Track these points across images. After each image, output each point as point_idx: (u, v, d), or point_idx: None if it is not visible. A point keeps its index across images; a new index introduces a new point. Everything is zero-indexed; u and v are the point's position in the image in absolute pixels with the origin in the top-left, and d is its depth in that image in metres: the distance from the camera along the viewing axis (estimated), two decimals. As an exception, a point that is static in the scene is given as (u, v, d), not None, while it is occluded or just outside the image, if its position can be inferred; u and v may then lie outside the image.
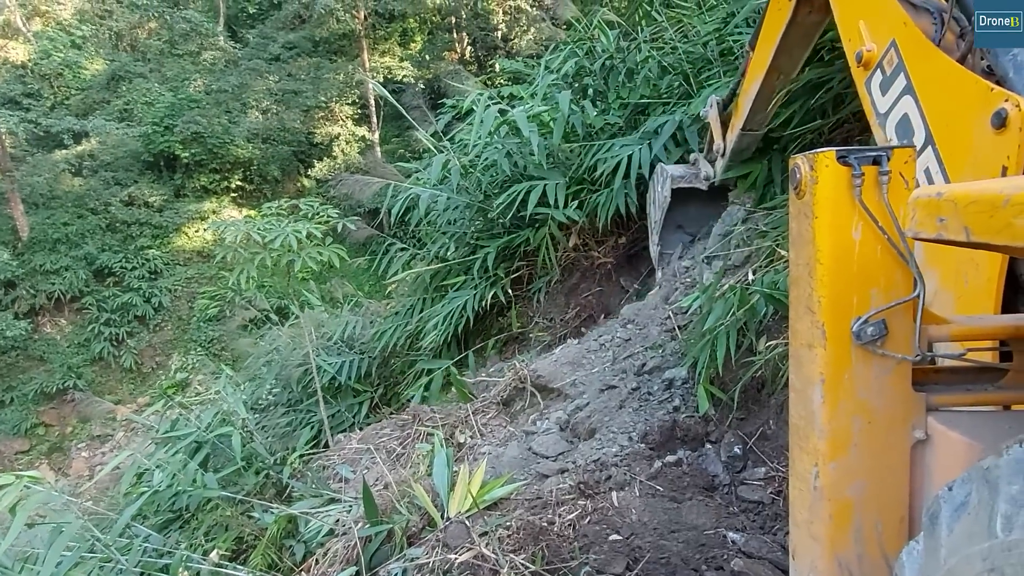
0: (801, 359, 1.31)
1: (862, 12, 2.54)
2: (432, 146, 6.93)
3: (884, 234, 1.22)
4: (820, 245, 1.22)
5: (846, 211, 1.22)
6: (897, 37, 2.27)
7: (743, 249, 4.03)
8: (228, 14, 26.58)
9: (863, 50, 2.43)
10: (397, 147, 23.60)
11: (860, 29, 2.50)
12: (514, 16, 23.85)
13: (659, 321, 4.46)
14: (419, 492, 2.97)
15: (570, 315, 6.22)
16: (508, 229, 6.28)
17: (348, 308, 8.56)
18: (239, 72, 23.14)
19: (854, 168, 1.20)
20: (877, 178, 1.22)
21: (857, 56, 2.46)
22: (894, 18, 2.29)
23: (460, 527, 2.70)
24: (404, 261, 6.80)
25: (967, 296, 1.83)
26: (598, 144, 5.76)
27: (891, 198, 1.21)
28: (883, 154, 1.21)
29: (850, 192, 1.22)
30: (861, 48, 2.44)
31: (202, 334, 20.53)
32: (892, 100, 2.30)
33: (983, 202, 0.75)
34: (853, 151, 1.21)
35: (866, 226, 1.22)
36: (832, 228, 1.22)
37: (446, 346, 6.35)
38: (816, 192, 1.22)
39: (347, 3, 21.33)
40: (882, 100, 2.36)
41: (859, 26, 2.51)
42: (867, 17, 2.50)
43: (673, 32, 6.09)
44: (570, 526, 2.63)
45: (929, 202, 0.87)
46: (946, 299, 1.93)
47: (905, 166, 1.23)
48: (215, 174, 22.91)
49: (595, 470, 3.02)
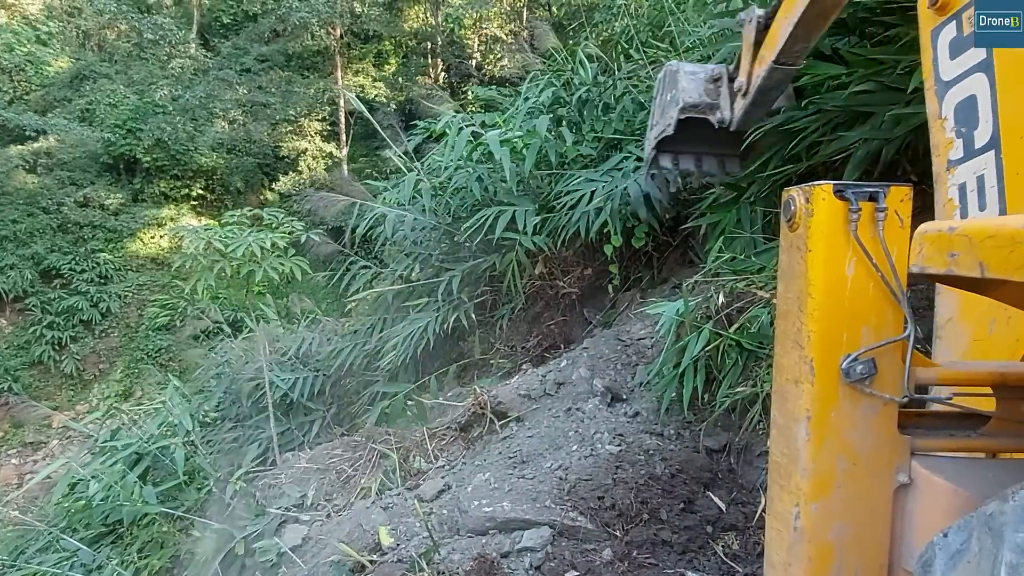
0: (786, 395, 1.27)
1: None
2: (403, 166, 6.88)
3: (877, 271, 1.20)
4: (812, 279, 1.20)
5: (840, 246, 1.20)
6: None
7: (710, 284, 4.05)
8: (202, 22, 26.26)
9: None
10: (364, 166, 23.44)
11: None
12: (489, 45, 24.12)
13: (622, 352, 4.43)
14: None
15: (532, 343, 6.17)
16: (474, 253, 6.23)
17: (305, 324, 8.37)
18: (208, 81, 22.78)
19: (851, 203, 1.19)
20: (873, 214, 1.20)
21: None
22: None
23: None
24: (366, 280, 6.68)
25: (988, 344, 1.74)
26: (568, 174, 5.78)
27: (886, 235, 1.20)
28: (880, 190, 1.20)
29: (845, 227, 1.20)
30: None
31: (150, 343, 19.83)
32: (961, 71, 1.83)
33: (1002, 237, 0.73)
34: (850, 186, 1.20)
35: (859, 262, 1.20)
36: (825, 262, 1.20)
37: (404, 368, 6.22)
38: (811, 225, 1.20)
39: (323, 19, 21.26)
40: (948, 64, 1.87)
41: None
42: None
43: (650, 70, 6.19)
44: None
45: (939, 236, 0.85)
46: (959, 335, 1.86)
47: (901, 204, 1.22)
48: (176, 181, 22.36)
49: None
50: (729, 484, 3.10)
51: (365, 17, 21.92)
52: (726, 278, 4.00)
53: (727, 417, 3.39)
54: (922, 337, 2.75)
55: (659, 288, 5.76)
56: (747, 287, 3.71)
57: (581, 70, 6.38)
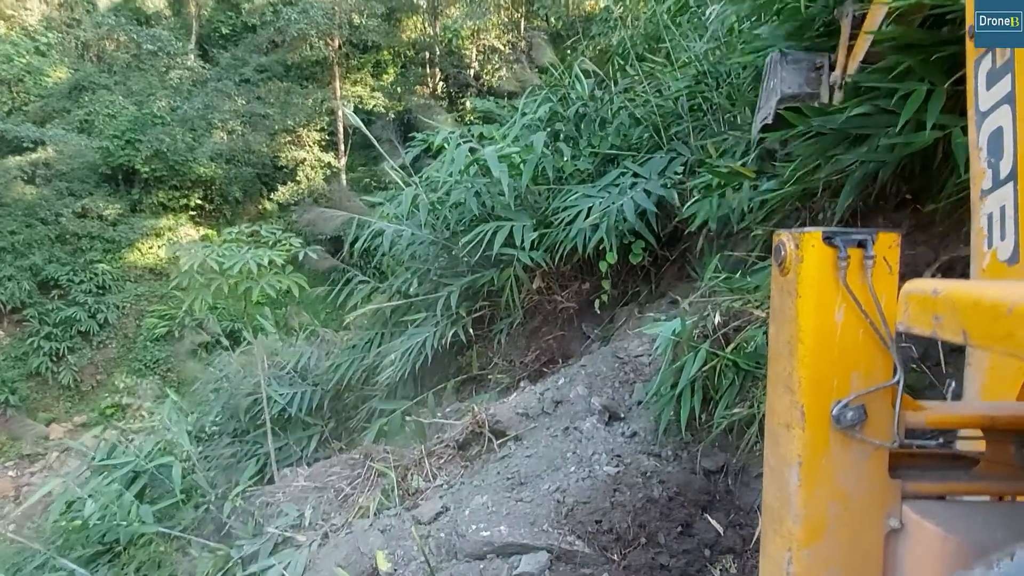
0: (778, 438, 1.28)
1: None
2: (400, 180, 6.89)
3: (867, 318, 1.21)
4: (803, 325, 1.21)
5: (830, 293, 1.21)
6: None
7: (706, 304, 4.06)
8: (201, 33, 26.37)
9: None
10: (363, 176, 23.50)
11: None
12: (487, 55, 24.21)
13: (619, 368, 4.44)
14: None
15: (530, 358, 6.18)
16: (472, 268, 6.24)
17: (304, 336, 8.37)
18: (206, 92, 22.86)
19: (840, 250, 1.20)
20: (862, 261, 1.21)
21: (969, 29, 1.92)
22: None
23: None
24: (365, 294, 6.68)
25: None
26: (566, 189, 5.80)
27: (875, 283, 1.21)
28: (868, 238, 1.21)
29: (834, 274, 1.21)
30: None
31: (148, 354, 19.84)
32: (994, 102, 1.85)
33: (984, 307, 0.74)
34: (839, 233, 1.21)
35: (849, 309, 1.21)
36: (815, 309, 1.21)
37: (402, 383, 6.22)
38: (801, 271, 1.21)
39: (321, 30, 21.35)
40: (985, 95, 1.90)
41: None
42: None
43: (646, 85, 6.22)
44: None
45: (924, 299, 0.86)
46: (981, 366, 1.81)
47: (889, 251, 1.23)
48: (174, 191, 22.42)
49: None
50: (727, 506, 3.10)
51: (363, 28, 22.02)
52: (722, 296, 4.01)
53: (724, 437, 3.39)
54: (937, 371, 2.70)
55: (657, 302, 5.77)
56: (743, 306, 3.72)
57: (578, 85, 6.41)
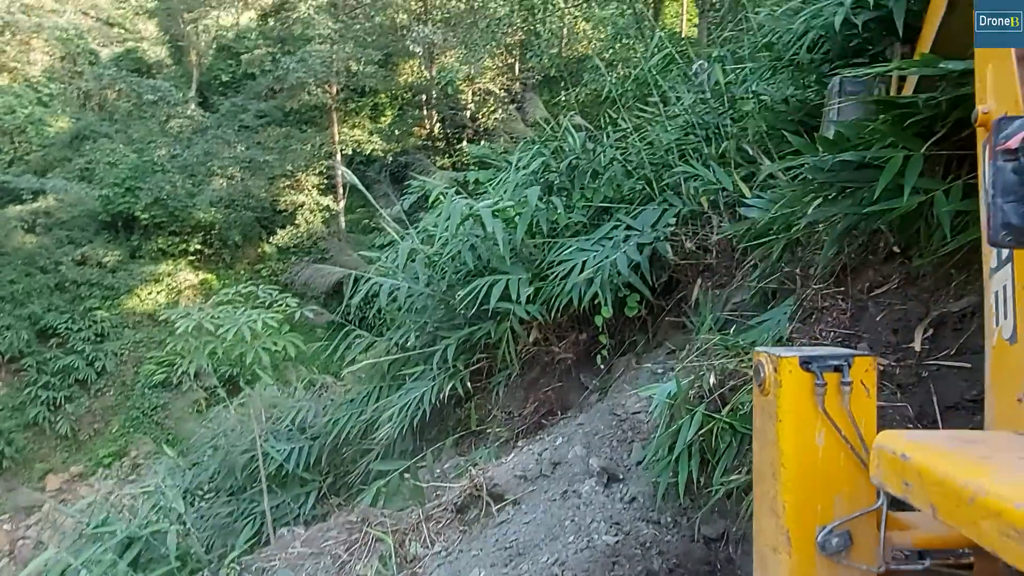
0: (766, 560, 1.28)
1: (992, 54, 2.01)
2: (396, 233, 6.95)
3: (847, 443, 1.21)
4: (784, 449, 1.21)
5: (809, 417, 1.22)
6: (1009, 114, 1.85)
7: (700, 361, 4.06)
8: (201, 81, 26.82)
9: (980, 110, 1.99)
10: (362, 217, 23.68)
11: (987, 77, 2.05)
12: (483, 98, 24.58)
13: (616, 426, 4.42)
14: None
15: (528, 410, 6.15)
16: (469, 321, 6.25)
17: (302, 385, 8.35)
18: (206, 140, 23.16)
19: (817, 376, 1.21)
20: (839, 386, 1.22)
21: (974, 115, 2.01)
22: (1008, 88, 1.84)
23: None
24: (362, 348, 6.69)
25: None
26: (560, 242, 5.84)
27: (853, 407, 1.22)
28: (844, 363, 1.22)
29: (813, 398, 1.22)
30: (980, 107, 2.00)
31: (146, 401, 19.74)
32: None
33: (948, 489, 0.74)
34: (815, 358, 1.22)
35: (829, 433, 1.22)
36: (795, 433, 1.22)
37: (401, 438, 6.19)
38: (780, 396, 1.22)
39: (319, 78, 21.72)
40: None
41: (987, 72, 2.05)
42: (995, 65, 1.99)
43: (636, 137, 6.31)
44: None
45: (895, 461, 0.87)
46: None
47: (866, 374, 1.25)
48: (174, 236, 22.57)
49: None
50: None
51: (361, 74, 22.39)
52: (717, 354, 4.01)
53: (724, 503, 3.36)
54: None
55: (654, 352, 5.76)
56: (738, 366, 3.72)
57: (569, 138, 6.50)
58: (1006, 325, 1.80)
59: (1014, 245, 1.11)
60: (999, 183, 1.04)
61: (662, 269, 5.56)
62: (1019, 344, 1.72)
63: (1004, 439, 0.89)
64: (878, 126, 3.06)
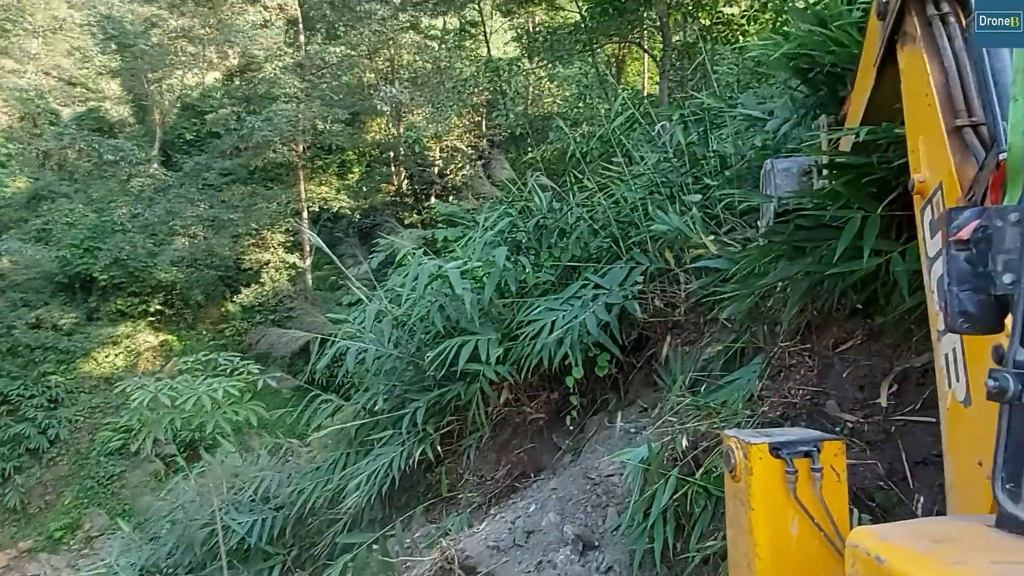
0: (746, 653, 1.24)
1: (922, 126, 2.12)
2: (362, 294, 6.89)
3: (820, 531, 1.20)
4: (758, 539, 1.19)
5: (782, 505, 1.21)
6: (944, 182, 1.94)
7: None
8: (164, 140, 26.72)
9: (916, 179, 2.08)
10: (329, 274, 23.49)
11: (919, 146, 2.14)
12: (451, 154, 24.93)
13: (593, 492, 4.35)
14: None
15: (501, 473, 6.03)
16: (439, 383, 6.17)
17: (266, 452, 8.08)
18: (169, 199, 22.95)
19: (787, 464, 1.20)
20: (810, 473, 1.21)
21: (910, 183, 2.11)
22: (942, 158, 1.94)
23: None
24: (328, 413, 6.53)
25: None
26: (529, 301, 5.85)
27: (825, 493, 1.21)
28: (814, 449, 1.22)
29: (785, 486, 1.21)
30: (915, 176, 2.10)
31: (101, 470, 18.91)
32: (936, 250, 1.96)
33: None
34: (785, 444, 1.22)
35: (802, 521, 1.20)
36: (769, 522, 1.20)
37: (369, 507, 6.00)
38: (751, 483, 1.21)
39: (285, 136, 21.83)
40: (930, 242, 2.03)
41: (919, 143, 2.15)
42: (925, 136, 2.09)
43: (602, 196, 6.42)
44: None
45: (869, 563, 0.85)
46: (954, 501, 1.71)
47: (835, 459, 1.24)
48: (133, 297, 22.08)
49: None
50: (707, 648, 2.99)
51: (328, 133, 22.57)
52: (689, 415, 4.01)
53: (701, 569, 3.30)
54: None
55: (626, 410, 5.73)
56: (710, 427, 3.71)
57: (536, 198, 6.59)
58: (959, 388, 1.82)
59: (972, 332, 1.13)
60: (953, 272, 1.07)
61: (631, 327, 5.58)
62: (974, 407, 1.74)
63: (976, 534, 0.88)
64: (837, 187, 3.15)
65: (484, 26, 20.88)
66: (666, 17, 11.74)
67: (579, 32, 13.85)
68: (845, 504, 1.23)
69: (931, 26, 2.15)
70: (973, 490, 1.61)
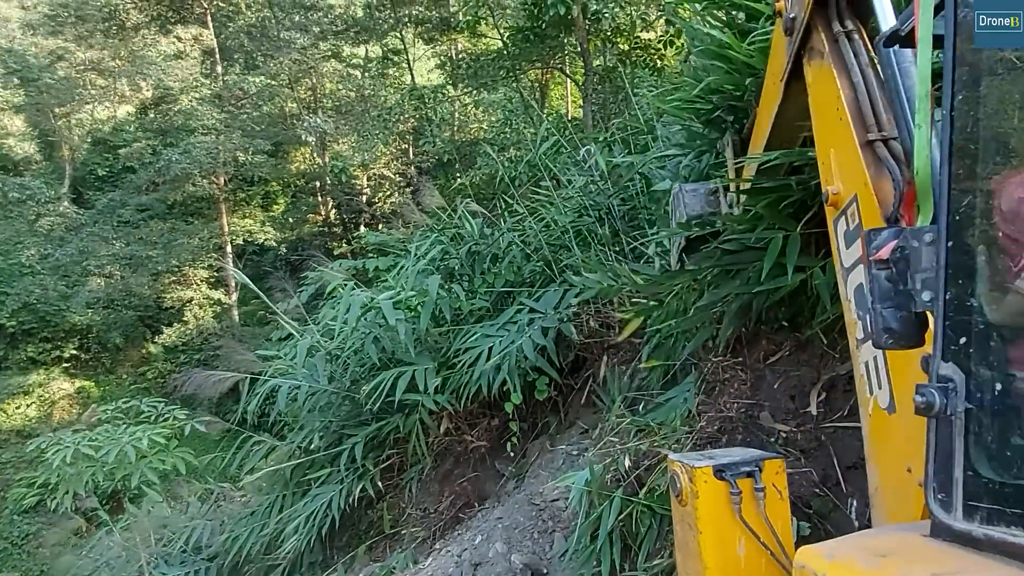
0: None
1: (833, 140, 2.17)
2: (293, 330, 6.70)
3: (767, 549, 1.21)
4: (707, 562, 1.20)
5: (728, 527, 1.22)
6: (859, 194, 1.98)
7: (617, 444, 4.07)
8: (75, 176, 25.44)
9: (830, 191, 2.13)
10: (257, 308, 22.72)
11: (830, 160, 2.18)
12: (378, 182, 24.70)
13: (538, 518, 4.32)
14: None
15: (444, 504, 5.93)
16: (377, 416, 6.03)
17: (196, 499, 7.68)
18: (81, 238, 21.81)
19: (731, 485, 1.22)
20: (754, 492, 1.23)
21: (824, 195, 2.15)
22: (856, 172, 1.99)
23: None
24: (261, 456, 6.28)
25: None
26: (465, 329, 5.82)
27: (769, 512, 1.23)
28: (756, 468, 1.24)
29: (730, 507, 1.22)
30: (828, 188, 2.14)
31: (15, 529, 17.55)
32: (852, 260, 2.02)
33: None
34: (728, 466, 1.23)
35: (749, 541, 1.22)
36: (716, 544, 1.21)
37: (309, 549, 5.78)
38: (698, 507, 1.21)
39: (205, 169, 21.15)
40: (846, 253, 2.07)
41: (829, 156, 2.19)
42: (837, 150, 2.14)
43: (533, 221, 6.47)
44: None
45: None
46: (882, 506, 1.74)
47: (777, 477, 1.26)
48: (46, 343, 20.77)
49: None
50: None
51: (250, 164, 22.00)
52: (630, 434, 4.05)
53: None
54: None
55: (567, 432, 5.75)
56: (651, 446, 3.75)
57: (467, 224, 6.59)
58: (881, 395, 1.88)
59: (896, 347, 1.18)
60: (876, 290, 1.12)
61: (568, 349, 5.63)
62: (899, 415, 1.79)
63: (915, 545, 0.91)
64: (759, 210, 3.27)
65: (407, 54, 20.89)
66: (586, 43, 12.04)
67: (502, 59, 14.03)
68: (788, 521, 1.25)
69: (838, 42, 2.22)
70: (902, 496, 1.67)
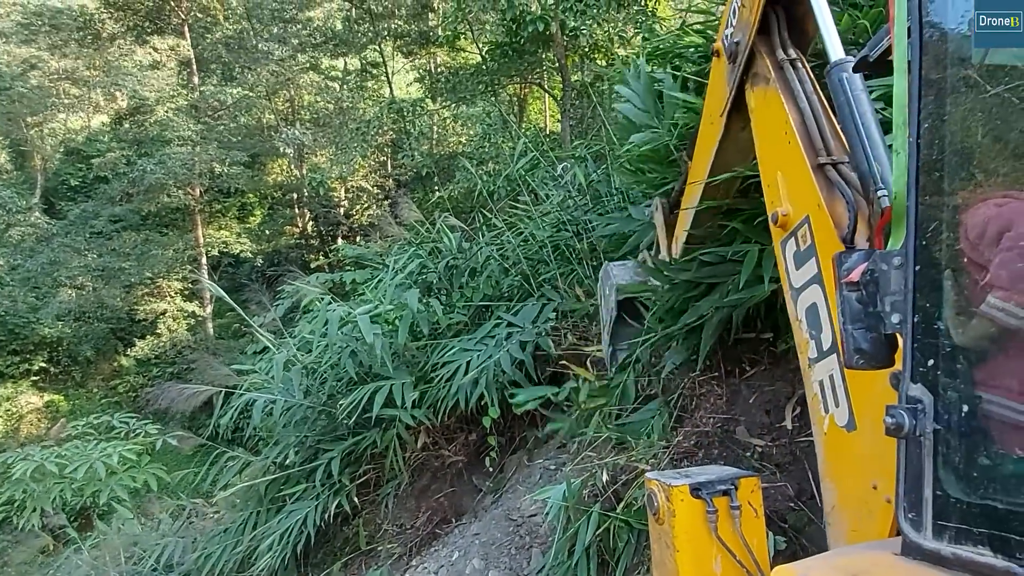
0: None
1: (781, 163, 2.20)
2: (269, 343, 6.63)
3: (742, 567, 1.22)
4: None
5: (704, 545, 1.22)
6: (811, 216, 2.01)
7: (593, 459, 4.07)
8: (47, 186, 25.03)
9: (779, 212, 2.15)
10: (232, 321, 22.45)
11: (778, 182, 2.21)
12: (356, 195, 24.61)
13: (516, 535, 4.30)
14: None
15: (421, 520, 5.88)
16: (353, 431, 5.98)
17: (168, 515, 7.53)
18: (52, 248, 21.42)
19: (707, 504, 1.23)
20: (729, 511, 1.24)
21: (773, 216, 2.17)
22: (808, 194, 2.02)
23: None
24: (235, 471, 6.18)
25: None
26: (443, 343, 5.80)
27: (744, 529, 1.24)
28: (731, 487, 1.25)
29: (706, 525, 1.23)
30: (777, 209, 2.16)
31: (-23, 548, 17.05)
32: (804, 280, 2.04)
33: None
34: (704, 485, 1.24)
35: (725, 559, 1.22)
36: (693, 562, 1.22)
37: (283, 568, 5.69)
38: (675, 525, 1.22)
39: (180, 180, 20.92)
40: (796, 274, 2.09)
41: (777, 178, 2.22)
42: (785, 172, 2.17)
43: (511, 235, 6.49)
44: None
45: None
46: (841, 523, 1.73)
47: (752, 495, 1.28)
48: (14, 356, 20.32)
49: None
50: None
51: (226, 175, 21.81)
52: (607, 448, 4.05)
53: (626, 605, 3.31)
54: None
55: (545, 447, 5.74)
56: (629, 460, 3.76)
57: (445, 238, 6.59)
58: (839, 413, 1.89)
59: (866, 367, 1.20)
60: (847, 312, 1.15)
61: (546, 363, 5.63)
62: (860, 432, 1.80)
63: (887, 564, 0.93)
64: (735, 225, 3.32)
65: (386, 67, 20.91)
66: (564, 59, 12.16)
67: (481, 73, 14.10)
68: (764, 539, 1.27)
69: (783, 69, 2.27)
70: (866, 513, 1.67)
